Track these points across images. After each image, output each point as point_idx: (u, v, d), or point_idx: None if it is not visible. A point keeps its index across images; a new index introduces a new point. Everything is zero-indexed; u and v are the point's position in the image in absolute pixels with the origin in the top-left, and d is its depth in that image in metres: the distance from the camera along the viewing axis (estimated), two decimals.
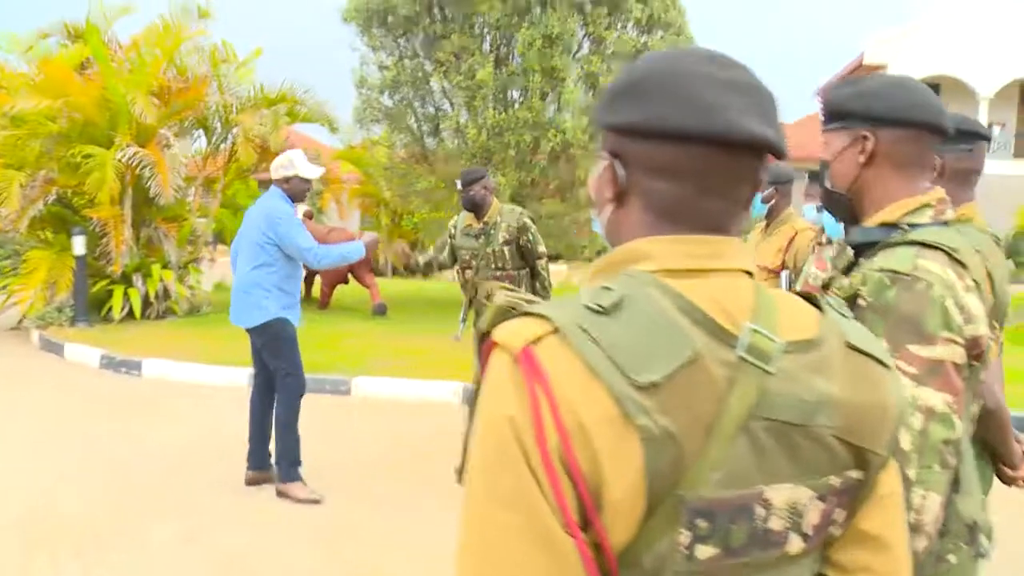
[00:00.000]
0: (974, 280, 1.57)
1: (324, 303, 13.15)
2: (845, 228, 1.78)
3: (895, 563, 1.05)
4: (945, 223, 1.65)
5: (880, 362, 1.04)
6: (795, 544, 0.98)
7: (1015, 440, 2.22)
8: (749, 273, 1.03)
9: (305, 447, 6.07)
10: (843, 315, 1.07)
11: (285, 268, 5.13)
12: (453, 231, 5.81)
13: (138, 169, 11.10)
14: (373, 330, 11.14)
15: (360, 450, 6.17)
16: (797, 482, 0.96)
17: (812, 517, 0.98)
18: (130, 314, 11.34)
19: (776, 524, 0.96)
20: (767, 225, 4.61)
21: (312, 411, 7.26)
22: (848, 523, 1.03)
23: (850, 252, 1.72)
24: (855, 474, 1.00)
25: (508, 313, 1.00)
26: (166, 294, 11.67)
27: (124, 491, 5.22)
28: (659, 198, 1.02)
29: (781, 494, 0.95)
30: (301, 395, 5.22)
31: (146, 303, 11.51)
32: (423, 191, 14.00)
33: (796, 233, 4.46)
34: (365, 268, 12.95)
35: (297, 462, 5.17)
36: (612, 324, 0.92)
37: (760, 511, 0.94)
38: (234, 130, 12.51)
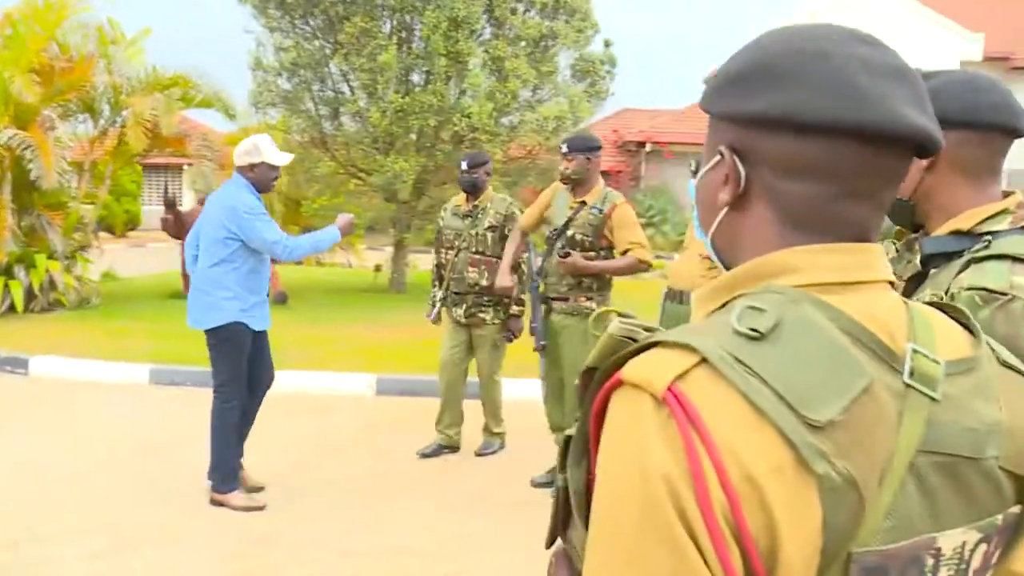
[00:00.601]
0: None
1: None
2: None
3: None
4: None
5: None
6: None
7: None
8: (892, 284, 0.91)
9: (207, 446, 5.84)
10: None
11: (248, 263, 4.77)
12: (443, 213, 5.93)
13: (18, 151, 10.44)
14: (275, 320, 10.69)
15: (274, 450, 5.90)
16: (967, 525, 0.83)
17: (976, 562, 0.86)
18: (11, 308, 10.65)
19: (944, 575, 0.83)
20: None
21: None
22: (999, 565, 0.91)
23: (916, 263, 1.60)
24: (1016, 509, 0.88)
25: (623, 344, 0.84)
26: (52, 285, 11.02)
27: (25, 506, 4.82)
28: (794, 202, 0.87)
29: (951, 540, 0.82)
30: (236, 405, 4.90)
31: (30, 296, 10.83)
32: (322, 176, 13.65)
33: None
34: None
35: (233, 473, 4.87)
36: (771, 351, 0.77)
37: (930, 562, 0.82)
38: (123, 113, 11.87)
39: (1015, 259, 1.46)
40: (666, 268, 18.60)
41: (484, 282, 5.54)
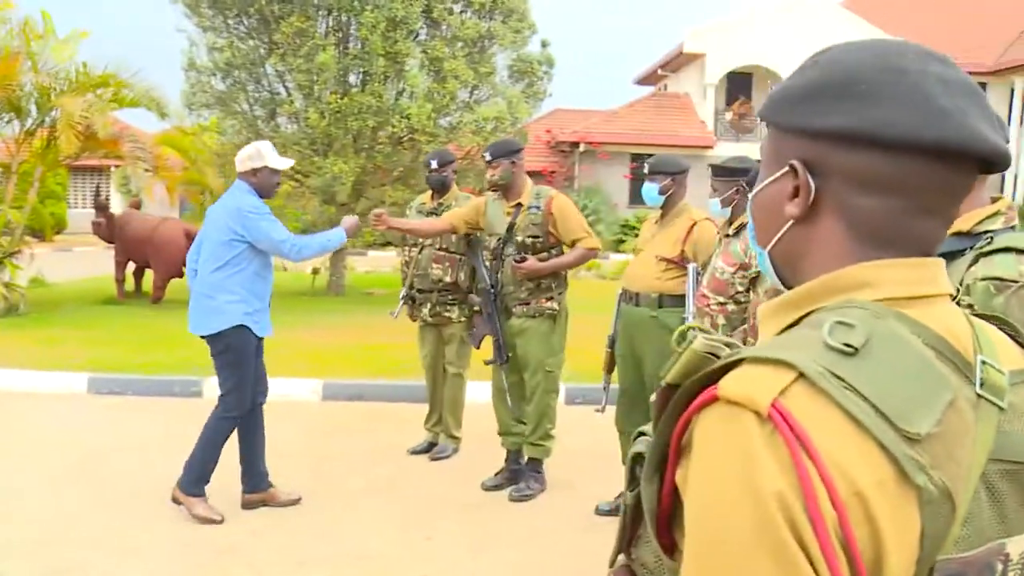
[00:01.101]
0: None
1: (158, 297, 12.40)
2: None
3: None
4: (1013, 228, 1.68)
5: None
6: None
7: None
8: (952, 297, 0.93)
9: (158, 456, 5.71)
10: None
11: (253, 266, 4.66)
12: (409, 212, 6.00)
13: None
14: None
15: (222, 459, 5.78)
16: None
17: None
18: None
19: None
20: (662, 216, 4.66)
21: (161, 415, 6.85)
22: None
23: None
24: None
25: (706, 361, 0.84)
26: None
27: None
28: (866, 216, 0.88)
29: (1018, 545, 0.84)
30: (239, 416, 4.77)
31: None
32: None
33: (694, 223, 4.51)
34: None
35: (205, 479, 4.74)
36: (865, 366, 0.78)
37: (999, 567, 0.84)
38: (52, 113, 11.51)
39: (1019, 251, 1.59)
40: (601, 268, 18.78)
41: (448, 278, 5.56)
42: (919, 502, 0.76)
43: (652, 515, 0.88)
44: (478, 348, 5.54)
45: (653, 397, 0.89)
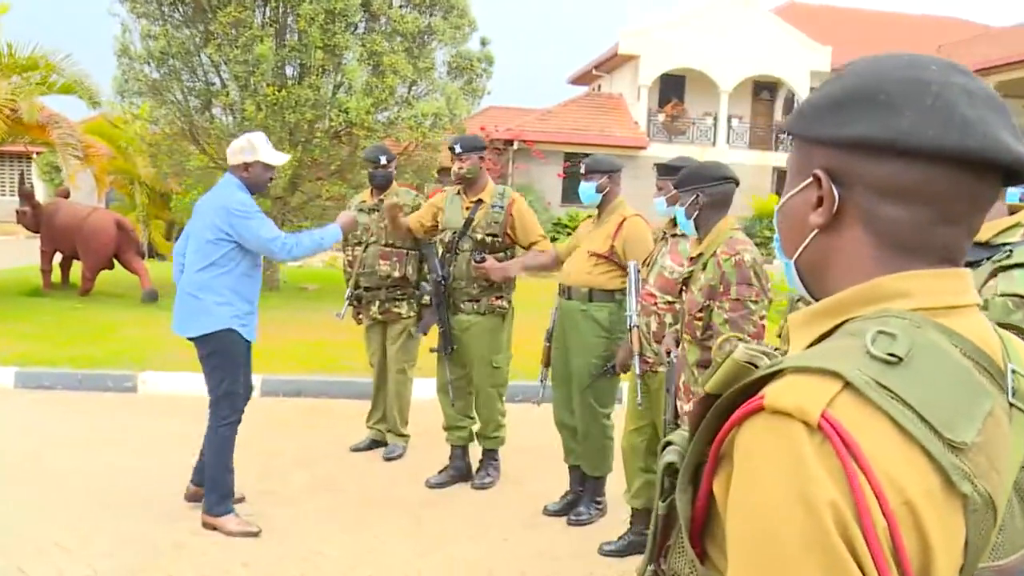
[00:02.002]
0: None
1: (86, 289, 12.07)
2: None
3: None
4: None
5: None
6: None
7: None
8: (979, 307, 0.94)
9: (94, 453, 5.59)
10: None
11: (241, 267, 4.44)
12: (350, 209, 5.82)
13: None
14: (150, 318, 10.33)
15: (156, 456, 5.67)
16: None
17: None
18: None
19: None
20: (599, 214, 4.74)
21: (94, 411, 6.70)
22: None
23: None
24: None
25: (746, 370, 0.85)
26: None
27: None
28: (891, 225, 0.88)
29: None
30: (237, 420, 4.58)
31: None
32: (195, 170, 13.20)
33: (624, 219, 4.60)
34: (132, 251, 12.04)
35: (229, 494, 4.54)
36: (909, 375, 0.79)
37: None
38: None
39: None
40: None
41: (396, 273, 5.56)
42: (965, 511, 0.77)
43: (687, 524, 0.88)
44: (425, 335, 5.57)
45: (688, 407, 0.90)
